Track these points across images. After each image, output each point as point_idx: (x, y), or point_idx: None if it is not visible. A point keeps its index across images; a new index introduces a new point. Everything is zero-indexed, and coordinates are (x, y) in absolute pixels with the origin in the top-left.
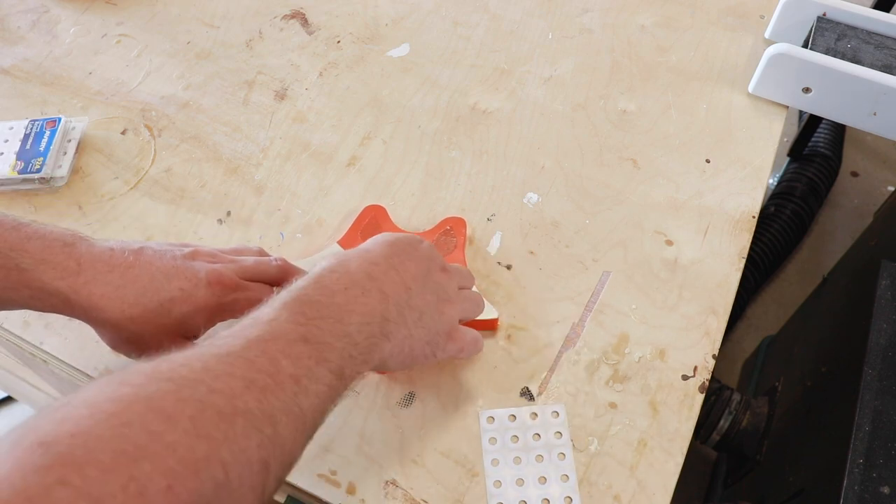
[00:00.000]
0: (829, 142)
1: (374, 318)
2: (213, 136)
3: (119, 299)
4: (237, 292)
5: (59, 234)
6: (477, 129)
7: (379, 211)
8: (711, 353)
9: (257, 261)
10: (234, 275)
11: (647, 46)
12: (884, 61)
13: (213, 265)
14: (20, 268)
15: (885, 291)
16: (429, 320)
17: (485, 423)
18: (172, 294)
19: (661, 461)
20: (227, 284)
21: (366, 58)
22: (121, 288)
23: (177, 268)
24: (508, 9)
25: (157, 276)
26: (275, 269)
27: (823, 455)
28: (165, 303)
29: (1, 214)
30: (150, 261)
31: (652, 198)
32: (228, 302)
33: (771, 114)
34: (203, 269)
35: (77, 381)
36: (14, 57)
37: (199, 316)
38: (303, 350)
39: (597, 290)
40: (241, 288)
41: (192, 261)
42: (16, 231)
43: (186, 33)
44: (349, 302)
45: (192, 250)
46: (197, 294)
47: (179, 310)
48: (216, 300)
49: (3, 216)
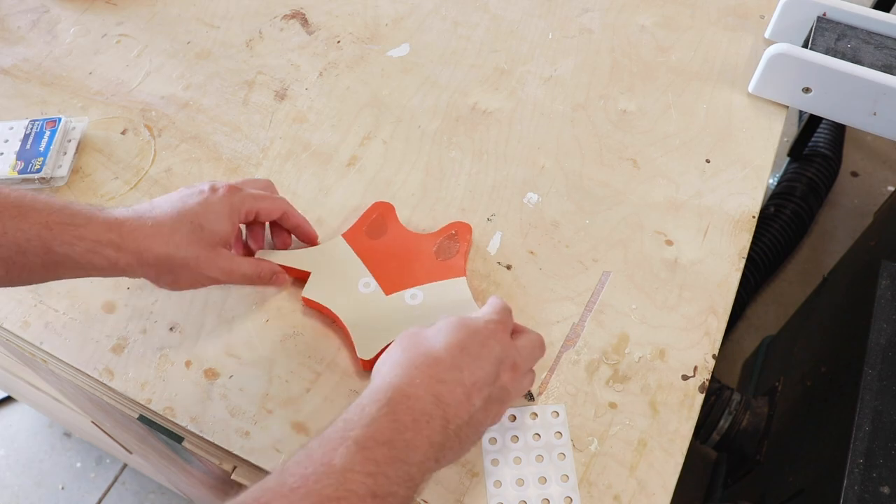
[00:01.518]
0: (829, 142)
1: (433, 451)
2: (213, 136)
3: (160, 233)
4: (242, 192)
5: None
6: (477, 129)
7: (387, 208)
8: (711, 353)
9: (264, 190)
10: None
11: (647, 46)
12: (884, 61)
13: (225, 182)
14: (76, 223)
15: (885, 291)
16: (484, 425)
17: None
18: (195, 210)
19: (661, 461)
20: (228, 186)
21: (366, 58)
22: (158, 222)
23: (187, 193)
24: (508, 9)
25: (176, 205)
26: (280, 200)
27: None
28: (194, 220)
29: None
30: (174, 196)
31: (652, 198)
32: (237, 200)
33: (771, 114)
34: (205, 183)
35: (77, 381)
36: (14, 57)
37: (222, 220)
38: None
39: (597, 290)
40: (242, 188)
41: (205, 184)
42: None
43: (186, 33)
44: (416, 437)
45: (206, 183)
46: (212, 200)
47: (206, 220)
48: (228, 200)
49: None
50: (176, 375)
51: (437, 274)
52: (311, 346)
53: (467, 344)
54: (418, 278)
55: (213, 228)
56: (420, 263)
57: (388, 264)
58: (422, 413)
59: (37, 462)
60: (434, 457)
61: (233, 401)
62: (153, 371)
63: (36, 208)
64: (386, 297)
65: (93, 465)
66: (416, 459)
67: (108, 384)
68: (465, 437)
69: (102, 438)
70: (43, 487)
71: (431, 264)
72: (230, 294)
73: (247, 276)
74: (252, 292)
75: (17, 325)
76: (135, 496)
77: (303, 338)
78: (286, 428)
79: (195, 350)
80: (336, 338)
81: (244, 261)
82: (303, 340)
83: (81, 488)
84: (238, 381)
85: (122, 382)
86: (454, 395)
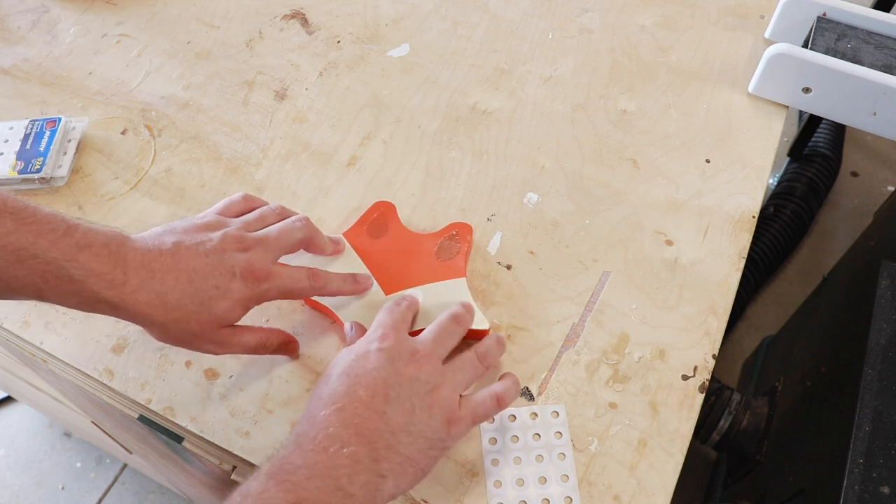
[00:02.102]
0: (829, 142)
1: (361, 465)
2: (213, 136)
3: (162, 305)
4: (270, 281)
5: (105, 239)
6: (477, 129)
7: (388, 207)
8: (711, 353)
9: (281, 229)
10: (265, 260)
11: (647, 46)
12: (884, 61)
13: (244, 254)
14: (73, 278)
15: (885, 291)
16: (420, 427)
17: (485, 424)
18: (210, 293)
19: (661, 461)
20: (259, 276)
21: (366, 58)
22: (162, 294)
23: (210, 265)
24: (508, 9)
25: (194, 277)
26: (300, 230)
27: (823, 455)
28: (205, 302)
29: (51, 214)
30: (185, 261)
31: (652, 198)
32: (262, 291)
33: (771, 114)
34: (236, 263)
35: (77, 382)
36: (14, 57)
37: (236, 307)
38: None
39: (597, 290)
40: (272, 276)
41: (223, 254)
42: (69, 237)
43: (186, 33)
44: (333, 457)
45: (220, 236)
46: (232, 288)
47: (217, 306)
48: (249, 291)
49: (54, 216)
50: (176, 375)
51: (437, 274)
52: (311, 346)
53: (348, 370)
54: (418, 278)
55: (220, 314)
56: (420, 263)
57: (388, 264)
58: (331, 440)
59: (37, 462)
60: (371, 471)
61: (233, 401)
62: (153, 371)
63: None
64: (386, 296)
65: (93, 465)
66: (341, 474)
67: (108, 384)
68: (406, 445)
69: (102, 438)
70: (43, 487)
71: (432, 264)
72: None
73: (249, 347)
74: None
75: (17, 325)
76: (135, 496)
77: (303, 338)
78: (286, 428)
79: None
80: (336, 338)
81: (249, 332)
82: (303, 340)
83: (81, 488)
84: (238, 381)
85: (122, 382)
86: (358, 412)
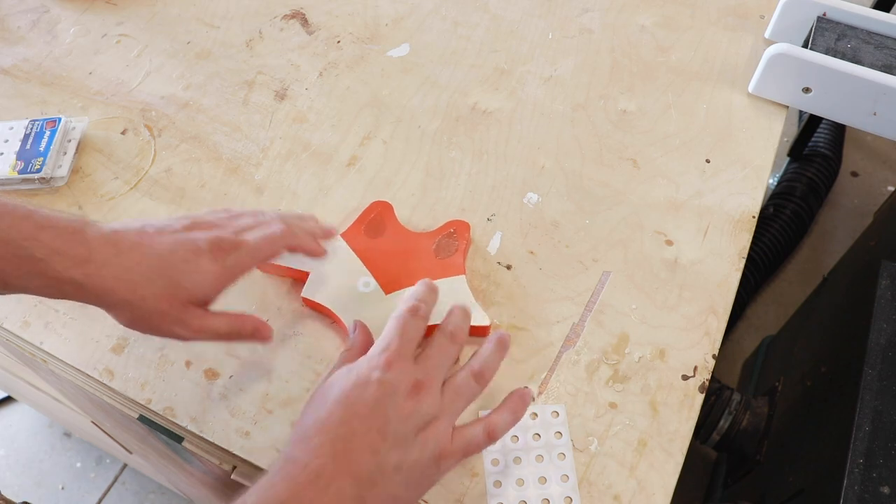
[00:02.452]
0: (829, 142)
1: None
2: (213, 136)
3: (129, 281)
4: (239, 249)
5: (68, 221)
6: (477, 129)
7: (385, 207)
8: (711, 353)
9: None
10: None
11: (647, 46)
12: (884, 61)
13: (211, 232)
14: (34, 258)
15: (885, 291)
16: (411, 464)
17: None
18: (179, 268)
19: (661, 461)
20: (227, 247)
21: (366, 58)
22: (129, 270)
23: (178, 241)
24: (508, 9)
25: (163, 252)
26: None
27: (823, 455)
28: (174, 276)
29: (11, 203)
30: (152, 238)
31: (652, 198)
32: (231, 265)
33: (771, 114)
34: (204, 239)
35: (77, 382)
36: (14, 57)
37: (206, 283)
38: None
39: (597, 290)
40: (240, 244)
41: (190, 232)
42: (28, 220)
43: (186, 33)
44: (319, 494)
45: (190, 221)
46: (201, 262)
47: (188, 281)
48: (220, 267)
49: (14, 205)
50: (176, 375)
51: (436, 272)
52: (311, 346)
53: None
54: (418, 277)
55: (190, 288)
56: (419, 262)
57: (387, 263)
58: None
59: (37, 462)
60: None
61: (233, 401)
62: (153, 371)
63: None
64: (386, 296)
65: (93, 465)
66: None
67: (108, 384)
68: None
69: (102, 438)
70: (43, 487)
71: (431, 263)
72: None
73: (220, 333)
74: (252, 292)
75: (17, 325)
76: (135, 496)
77: (303, 338)
78: (286, 428)
79: (195, 350)
80: (336, 338)
81: (220, 317)
82: (303, 340)
83: (81, 488)
84: (238, 381)
85: (122, 382)
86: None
